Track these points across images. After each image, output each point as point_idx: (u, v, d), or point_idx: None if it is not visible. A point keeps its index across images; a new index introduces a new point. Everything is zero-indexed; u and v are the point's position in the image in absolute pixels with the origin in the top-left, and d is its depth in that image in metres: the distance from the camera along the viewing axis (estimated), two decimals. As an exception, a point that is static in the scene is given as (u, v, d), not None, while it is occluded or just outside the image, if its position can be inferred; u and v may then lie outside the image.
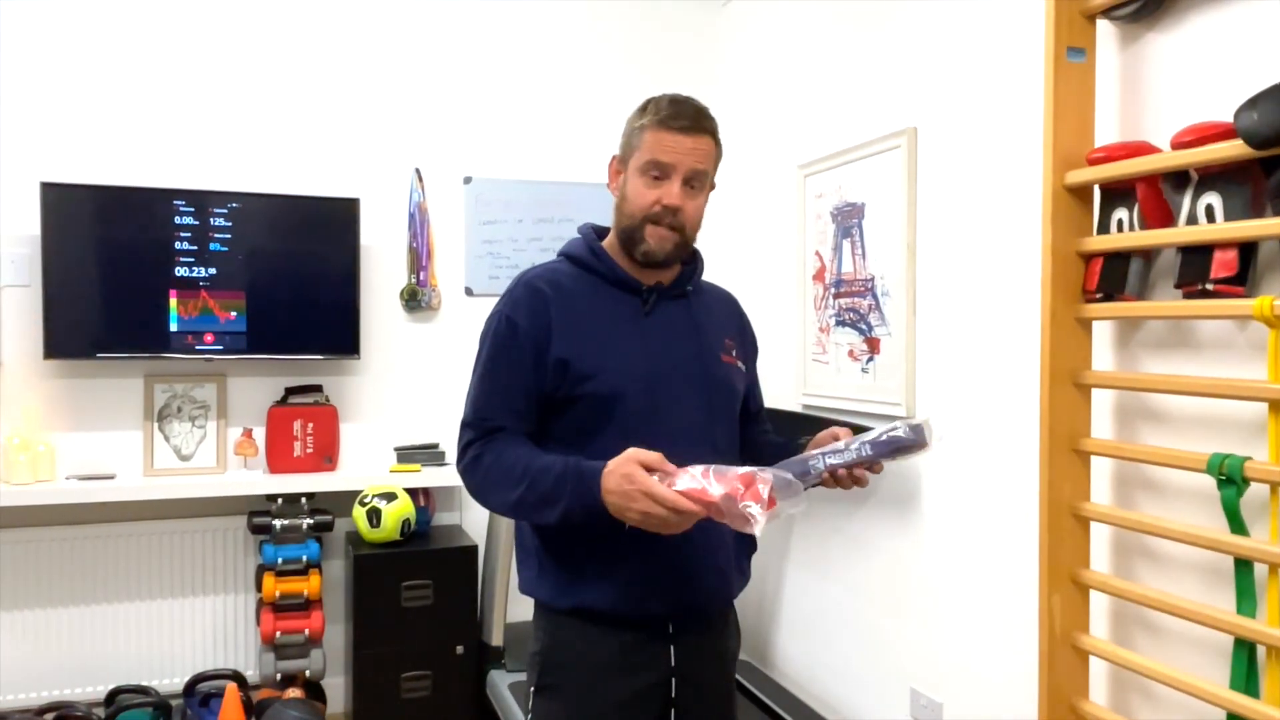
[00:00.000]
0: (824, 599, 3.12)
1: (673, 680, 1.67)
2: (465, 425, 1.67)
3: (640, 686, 1.65)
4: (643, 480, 1.42)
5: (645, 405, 1.63)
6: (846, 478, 1.55)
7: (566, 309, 1.66)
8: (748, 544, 1.76)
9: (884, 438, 1.53)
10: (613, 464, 1.47)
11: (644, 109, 1.69)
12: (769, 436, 1.90)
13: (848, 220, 2.92)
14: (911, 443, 1.53)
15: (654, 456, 1.45)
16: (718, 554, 1.70)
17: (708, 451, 1.65)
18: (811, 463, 1.54)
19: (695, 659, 1.70)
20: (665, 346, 1.69)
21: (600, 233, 1.79)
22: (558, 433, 1.65)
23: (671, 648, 1.67)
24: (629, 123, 1.72)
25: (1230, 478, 1.60)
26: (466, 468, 1.65)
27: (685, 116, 1.65)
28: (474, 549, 3.35)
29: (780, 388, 3.38)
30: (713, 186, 1.74)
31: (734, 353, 1.80)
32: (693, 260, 1.78)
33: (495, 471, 1.60)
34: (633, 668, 1.65)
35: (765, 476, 1.40)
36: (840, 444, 1.55)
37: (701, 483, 1.41)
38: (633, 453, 1.46)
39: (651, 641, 1.66)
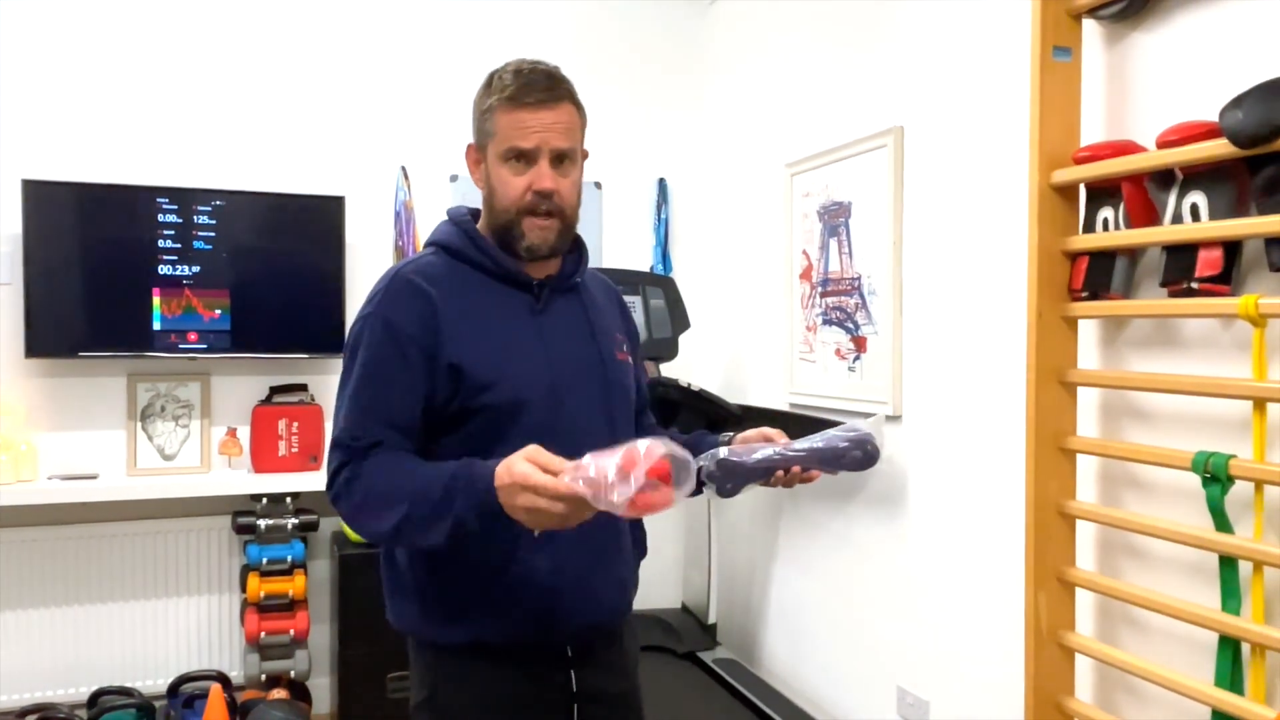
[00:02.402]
0: (810, 597, 3.12)
1: (575, 705, 1.55)
2: (335, 446, 1.45)
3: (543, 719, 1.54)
4: (521, 472, 1.28)
5: (547, 415, 1.47)
6: (795, 476, 1.49)
7: (454, 309, 1.47)
8: (640, 551, 1.67)
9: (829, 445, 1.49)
10: (505, 460, 1.32)
11: (489, 84, 1.51)
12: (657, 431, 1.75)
13: (834, 219, 2.92)
14: (853, 457, 1.48)
15: (550, 455, 1.31)
16: (618, 567, 1.59)
17: None
18: (764, 453, 1.49)
19: (596, 677, 1.58)
20: (564, 348, 1.54)
21: (475, 216, 1.60)
22: (450, 449, 1.46)
23: (572, 672, 1.55)
24: (476, 102, 1.53)
25: (1215, 475, 1.61)
26: (339, 494, 1.43)
27: (536, 89, 1.47)
28: (460, 548, 3.34)
29: (767, 387, 3.38)
30: (585, 155, 1.57)
31: (624, 348, 1.66)
32: (576, 248, 1.62)
33: (372, 493, 1.41)
34: (534, 701, 1.52)
35: (657, 454, 1.25)
36: (798, 443, 1.50)
37: (584, 468, 1.27)
38: (528, 449, 1.31)
39: (551, 670, 1.54)
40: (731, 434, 1.60)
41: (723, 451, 1.49)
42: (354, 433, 1.44)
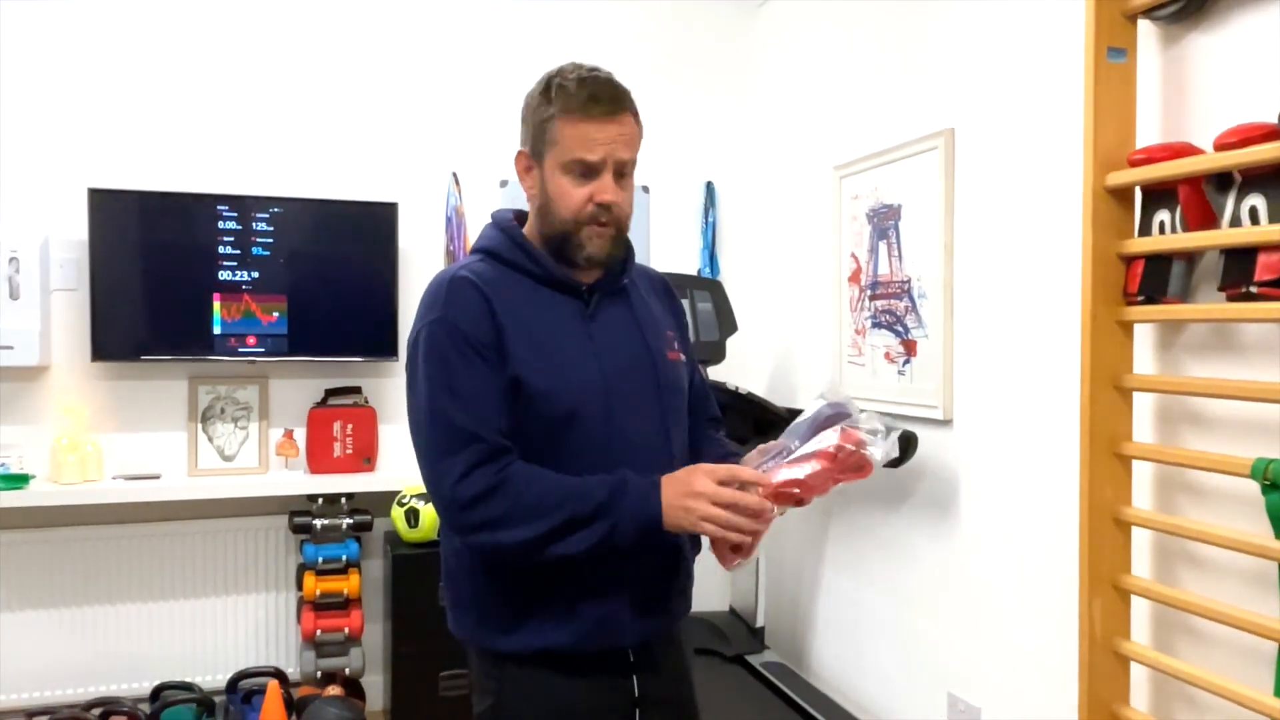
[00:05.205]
0: (860, 602, 3.11)
1: (637, 711, 1.56)
2: (467, 443, 1.40)
3: None
4: (702, 484, 1.38)
5: (601, 423, 1.47)
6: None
7: (510, 315, 1.46)
8: (696, 548, 1.65)
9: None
10: (675, 473, 1.43)
11: (547, 90, 1.48)
12: (714, 445, 1.72)
13: (884, 222, 2.91)
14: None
15: (724, 469, 1.41)
16: (680, 574, 1.60)
17: (665, 462, 1.53)
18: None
19: (657, 682, 1.59)
20: (615, 354, 1.53)
21: (520, 219, 1.58)
22: None
23: (634, 678, 1.55)
24: (532, 108, 1.50)
25: (1275, 482, 1.58)
26: (478, 498, 1.39)
27: (603, 100, 1.46)
28: (510, 549, 3.37)
29: (815, 390, 3.37)
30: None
31: (676, 345, 1.64)
32: (624, 250, 1.60)
33: (527, 500, 1.39)
34: (599, 707, 1.53)
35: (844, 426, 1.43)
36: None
37: (799, 466, 1.42)
38: (699, 465, 1.43)
39: (615, 676, 1.54)
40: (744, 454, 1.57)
41: None
42: (469, 436, 1.40)
